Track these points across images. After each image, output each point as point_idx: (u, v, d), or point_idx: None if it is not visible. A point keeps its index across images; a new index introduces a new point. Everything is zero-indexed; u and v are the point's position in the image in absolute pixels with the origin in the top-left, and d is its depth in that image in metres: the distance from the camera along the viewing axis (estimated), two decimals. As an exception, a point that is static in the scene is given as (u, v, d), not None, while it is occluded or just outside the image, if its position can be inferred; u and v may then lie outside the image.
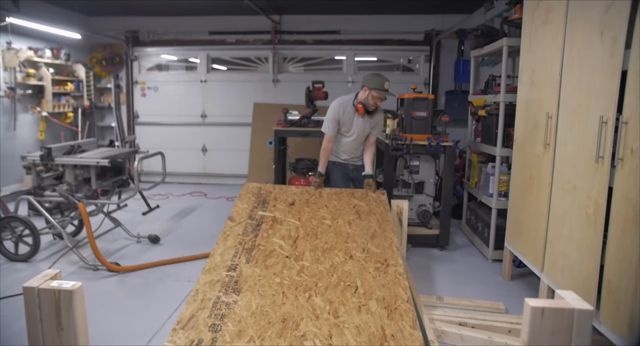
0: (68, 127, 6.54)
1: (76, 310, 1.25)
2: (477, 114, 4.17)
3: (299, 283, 1.97)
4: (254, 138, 6.93)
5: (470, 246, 4.24)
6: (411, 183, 4.20)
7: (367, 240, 2.42)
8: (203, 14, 6.75)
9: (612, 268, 2.06)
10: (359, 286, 1.99)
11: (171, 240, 4.31)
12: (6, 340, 2.50)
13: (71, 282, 1.26)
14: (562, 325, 1.13)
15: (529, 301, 1.15)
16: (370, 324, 1.73)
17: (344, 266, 2.15)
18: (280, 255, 2.20)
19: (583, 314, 1.13)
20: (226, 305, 1.75)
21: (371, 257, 2.25)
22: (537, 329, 1.13)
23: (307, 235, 2.43)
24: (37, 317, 1.27)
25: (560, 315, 1.13)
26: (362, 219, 2.67)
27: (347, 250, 2.30)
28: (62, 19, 5.98)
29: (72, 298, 1.24)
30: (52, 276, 1.31)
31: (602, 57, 2.15)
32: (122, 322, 2.73)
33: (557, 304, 1.15)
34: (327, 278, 2.03)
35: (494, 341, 2.40)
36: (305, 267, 2.11)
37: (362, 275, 2.09)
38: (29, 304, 1.27)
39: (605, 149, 2.09)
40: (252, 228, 2.47)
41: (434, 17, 6.54)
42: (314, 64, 7.08)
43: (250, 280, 1.96)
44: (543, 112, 2.78)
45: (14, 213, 3.73)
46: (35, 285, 1.27)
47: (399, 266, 2.18)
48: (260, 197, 2.87)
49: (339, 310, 1.80)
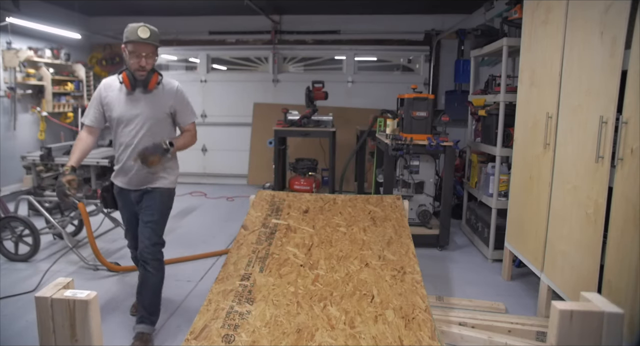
0: (68, 127, 6.53)
1: (91, 321, 1.19)
2: (477, 114, 4.17)
3: (313, 292, 1.94)
4: (254, 138, 6.94)
5: (470, 246, 4.24)
6: (411, 183, 4.20)
7: (383, 247, 2.38)
8: (203, 14, 6.75)
9: (612, 268, 2.06)
10: (375, 295, 1.95)
11: (171, 240, 4.27)
12: (6, 340, 2.50)
13: (86, 291, 1.20)
14: (592, 328, 1.12)
15: (556, 304, 1.13)
16: (388, 335, 1.69)
17: (360, 274, 2.11)
18: (294, 264, 2.17)
19: (613, 317, 1.12)
20: (240, 315, 1.73)
21: (387, 265, 2.21)
22: (566, 332, 1.12)
23: (322, 243, 2.39)
24: (50, 329, 1.20)
25: (589, 318, 1.12)
26: (378, 225, 2.62)
27: (362, 257, 2.27)
28: (62, 19, 5.98)
29: (87, 309, 1.18)
30: (65, 285, 1.25)
31: (602, 57, 2.14)
32: (122, 322, 2.73)
33: (586, 307, 1.14)
34: (343, 287, 2.00)
35: (494, 341, 2.40)
36: (320, 276, 2.07)
37: (378, 283, 2.04)
38: (42, 315, 1.20)
39: (605, 149, 2.09)
40: (265, 237, 2.44)
41: (434, 17, 6.54)
42: (314, 64, 7.08)
43: (264, 289, 1.93)
44: (543, 112, 2.78)
45: (14, 213, 3.73)
46: (48, 295, 1.20)
47: (416, 274, 2.13)
48: (273, 205, 2.84)
49: (355, 320, 1.76)
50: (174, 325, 2.72)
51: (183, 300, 3.04)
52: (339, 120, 5.75)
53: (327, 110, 5.61)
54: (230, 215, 5.23)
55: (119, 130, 2.45)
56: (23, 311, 2.82)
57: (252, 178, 6.99)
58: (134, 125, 2.41)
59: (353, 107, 6.75)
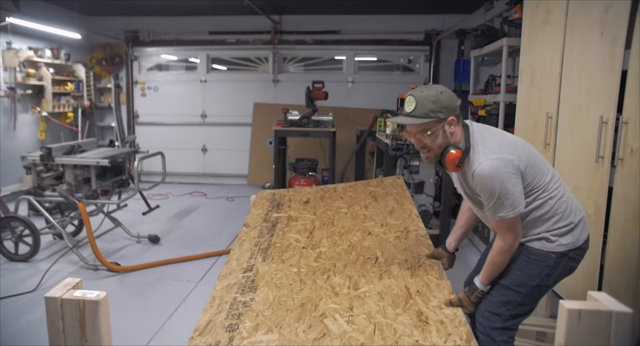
0: (68, 127, 6.53)
1: (101, 322, 1.20)
2: (477, 114, 4.17)
3: (316, 268, 1.91)
4: (254, 138, 6.94)
5: (470, 246, 4.24)
6: (411, 183, 4.20)
7: (385, 216, 2.36)
8: (203, 14, 6.75)
9: (612, 268, 2.06)
10: (379, 256, 1.93)
11: (171, 240, 4.31)
12: (6, 340, 2.50)
13: (95, 292, 1.21)
14: (601, 327, 1.12)
15: (564, 303, 1.13)
16: (394, 287, 1.67)
17: (363, 242, 2.09)
18: (296, 248, 2.14)
19: (621, 316, 1.12)
20: (243, 303, 1.69)
21: (390, 229, 2.19)
22: (574, 331, 1.12)
23: (323, 225, 2.37)
24: (60, 329, 1.20)
25: (597, 317, 1.12)
26: (379, 201, 2.61)
27: (365, 228, 2.25)
28: (62, 19, 5.98)
29: (97, 309, 1.19)
30: (74, 286, 1.25)
31: (602, 57, 2.15)
32: (122, 322, 2.73)
33: (594, 306, 1.14)
34: (346, 257, 1.97)
35: (494, 341, 2.40)
36: (323, 252, 2.05)
37: (382, 245, 2.02)
38: (52, 315, 1.20)
39: (605, 149, 2.09)
40: (267, 230, 2.41)
41: (434, 17, 6.54)
42: (314, 64, 7.08)
43: (267, 275, 1.90)
44: (543, 112, 2.78)
45: (14, 213, 3.73)
46: (58, 295, 1.20)
47: (420, 230, 2.11)
48: (274, 202, 2.82)
49: (359, 283, 1.74)
50: (174, 324, 2.72)
51: (183, 300, 3.04)
52: (339, 120, 5.74)
53: (327, 110, 5.61)
54: (230, 215, 5.23)
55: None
56: (23, 311, 2.82)
57: (252, 178, 6.99)
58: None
59: (353, 107, 6.75)
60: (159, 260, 3.70)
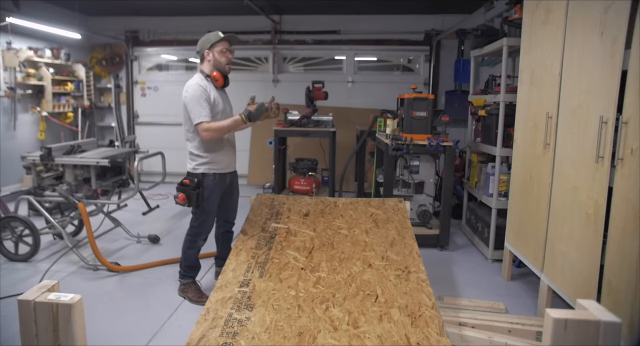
0: (68, 127, 6.53)
1: (75, 325, 1.16)
2: (477, 114, 4.17)
3: (315, 295, 1.87)
4: (254, 138, 6.93)
5: (470, 246, 4.24)
6: (411, 183, 4.20)
7: (386, 248, 2.33)
8: (203, 14, 6.75)
9: (612, 268, 2.06)
10: (380, 294, 1.89)
11: (171, 240, 4.30)
12: (6, 340, 2.50)
13: (70, 295, 1.17)
14: (588, 337, 1.07)
15: (550, 312, 1.09)
16: (394, 333, 1.64)
17: (363, 275, 2.05)
18: (295, 267, 2.11)
19: (610, 326, 1.07)
20: (238, 322, 1.66)
21: (391, 265, 2.15)
22: (560, 341, 1.07)
23: (323, 246, 2.34)
24: (32, 332, 1.18)
25: (585, 327, 1.07)
26: (380, 227, 2.58)
27: (365, 259, 2.21)
28: (62, 19, 5.97)
29: (71, 313, 1.15)
30: (50, 288, 1.22)
31: (602, 57, 2.14)
32: (122, 322, 2.73)
33: (581, 315, 1.09)
34: (345, 288, 1.94)
35: (494, 341, 2.40)
36: (322, 278, 2.02)
37: (382, 283, 1.98)
38: (25, 318, 1.18)
39: (605, 149, 2.09)
40: (265, 242, 2.38)
41: (434, 17, 6.54)
42: (314, 64, 7.08)
43: (264, 294, 1.87)
44: (543, 112, 2.78)
45: (14, 213, 3.73)
46: (31, 298, 1.18)
47: (421, 273, 2.08)
48: (273, 209, 2.80)
49: (359, 320, 1.70)
50: (174, 324, 2.72)
51: (183, 300, 3.04)
52: (339, 120, 5.74)
53: (327, 110, 5.61)
54: (230, 215, 5.23)
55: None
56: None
57: (252, 178, 6.99)
58: (226, 116, 2.92)
59: (353, 107, 6.75)
60: (159, 260, 3.70)
